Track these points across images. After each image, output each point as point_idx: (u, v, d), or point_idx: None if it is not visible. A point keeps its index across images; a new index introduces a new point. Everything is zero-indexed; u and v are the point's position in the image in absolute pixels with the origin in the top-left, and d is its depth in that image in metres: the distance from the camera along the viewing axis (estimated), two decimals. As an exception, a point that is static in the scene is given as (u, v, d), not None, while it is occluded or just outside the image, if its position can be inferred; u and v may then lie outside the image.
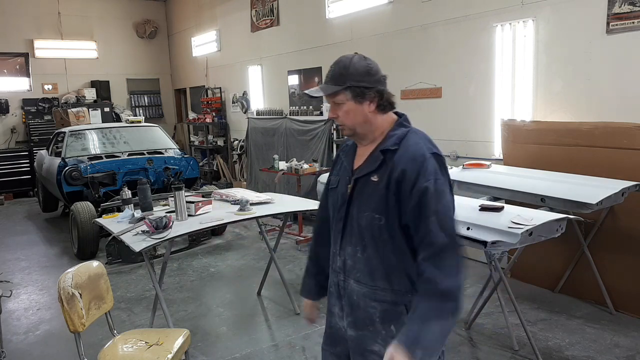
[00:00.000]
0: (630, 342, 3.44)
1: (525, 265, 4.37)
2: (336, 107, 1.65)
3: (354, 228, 1.67)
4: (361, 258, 1.66)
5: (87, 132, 7.25)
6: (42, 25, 10.72)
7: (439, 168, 1.57)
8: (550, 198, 3.39)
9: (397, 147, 1.60)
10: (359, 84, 1.59)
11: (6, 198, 9.82)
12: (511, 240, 2.54)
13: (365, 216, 1.62)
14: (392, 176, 1.57)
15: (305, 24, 7.49)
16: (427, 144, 1.62)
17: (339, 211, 1.72)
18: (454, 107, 5.37)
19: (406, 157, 1.57)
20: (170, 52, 12.48)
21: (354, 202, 1.67)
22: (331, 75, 1.64)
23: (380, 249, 1.62)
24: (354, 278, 1.69)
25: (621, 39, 3.94)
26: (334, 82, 1.62)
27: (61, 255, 6.09)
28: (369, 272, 1.65)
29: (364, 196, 1.63)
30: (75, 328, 2.38)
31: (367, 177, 1.63)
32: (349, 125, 1.65)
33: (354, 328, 1.72)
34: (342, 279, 1.73)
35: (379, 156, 1.62)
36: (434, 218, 1.52)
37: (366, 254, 1.65)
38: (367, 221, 1.62)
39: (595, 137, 3.92)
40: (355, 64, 1.61)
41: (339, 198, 1.73)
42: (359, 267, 1.67)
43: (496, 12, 4.78)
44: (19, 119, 10.60)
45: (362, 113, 1.63)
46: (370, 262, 1.64)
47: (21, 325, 4.16)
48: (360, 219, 1.64)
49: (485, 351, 3.42)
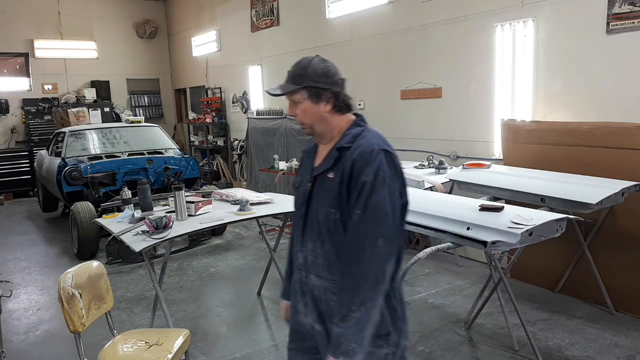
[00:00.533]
0: (630, 342, 3.44)
1: (525, 265, 4.37)
2: (294, 105, 1.73)
3: (313, 224, 1.73)
4: (320, 253, 1.71)
5: (87, 132, 7.25)
6: (42, 25, 10.73)
7: (385, 164, 1.61)
8: (550, 198, 3.39)
9: (351, 145, 1.66)
10: (315, 85, 1.68)
11: (6, 198, 9.82)
12: (511, 240, 2.54)
13: (322, 211, 1.69)
14: (345, 171, 1.64)
15: (305, 24, 7.49)
16: (379, 141, 1.67)
17: (300, 209, 1.79)
18: (453, 107, 5.37)
19: (357, 152, 1.63)
20: (170, 52, 12.48)
21: (313, 199, 1.73)
22: (290, 75, 1.72)
23: (336, 243, 1.67)
24: (315, 273, 1.74)
25: (621, 39, 3.94)
26: (293, 81, 1.70)
27: (61, 255, 6.09)
28: (327, 267, 1.71)
29: (322, 192, 1.70)
30: (75, 328, 2.38)
31: (324, 174, 1.70)
32: (307, 124, 1.74)
33: (319, 322, 1.75)
34: (304, 275, 1.78)
35: (335, 154, 1.69)
36: (359, 212, 1.58)
37: (324, 249, 1.70)
38: (323, 216, 1.69)
39: (595, 137, 3.92)
40: (314, 66, 1.69)
41: (301, 197, 1.80)
42: (318, 262, 1.73)
43: (496, 12, 4.78)
44: (19, 119, 10.61)
45: (318, 112, 1.71)
46: (328, 257, 1.70)
47: (21, 325, 4.16)
48: (318, 215, 1.71)
49: (485, 351, 3.42)
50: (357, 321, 1.54)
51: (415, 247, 5.71)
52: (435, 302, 4.27)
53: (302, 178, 1.84)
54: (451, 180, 4.39)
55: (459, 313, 4.01)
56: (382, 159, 1.61)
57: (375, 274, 1.57)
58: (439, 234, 2.82)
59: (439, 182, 4.39)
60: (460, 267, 5.06)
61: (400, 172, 1.67)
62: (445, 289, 4.53)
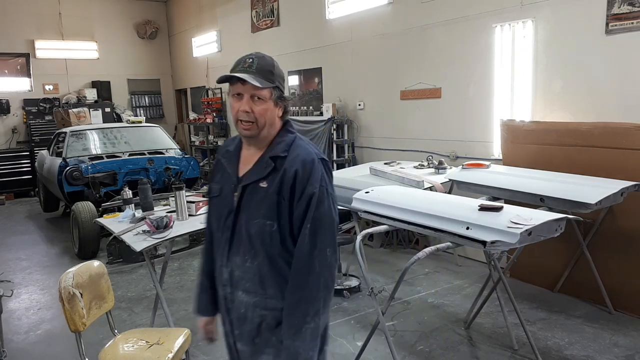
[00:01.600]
0: (629, 341, 3.45)
1: (524, 265, 4.38)
2: (255, 102, 1.58)
3: (242, 237, 1.62)
4: (251, 267, 1.62)
5: (88, 133, 7.27)
6: (43, 26, 10.74)
7: (325, 174, 1.61)
8: (550, 198, 3.40)
9: (287, 154, 1.60)
10: (282, 87, 1.64)
11: (7, 198, 9.83)
12: (510, 240, 2.54)
13: (256, 223, 1.59)
14: (284, 182, 1.57)
15: (306, 25, 7.50)
16: (314, 150, 1.64)
17: (225, 221, 1.66)
18: (453, 108, 5.38)
19: (297, 162, 1.58)
20: (170, 52, 12.49)
21: (242, 210, 1.62)
22: (259, 69, 1.57)
23: (271, 255, 1.60)
24: (243, 289, 1.65)
25: (620, 39, 3.94)
26: (264, 77, 1.57)
27: (62, 255, 6.10)
28: (259, 281, 1.63)
29: (254, 203, 1.60)
30: (76, 327, 2.39)
31: (256, 183, 1.60)
32: (260, 124, 1.59)
33: (241, 342, 1.70)
34: (229, 292, 1.68)
35: (269, 163, 1.60)
36: (309, 225, 1.56)
37: (257, 262, 1.61)
38: (257, 228, 1.59)
39: (594, 137, 3.93)
40: (278, 67, 1.64)
41: (225, 207, 1.66)
42: (248, 276, 1.63)
43: (495, 12, 4.79)
44: (20, 119, 10.62)
45: (273, 115, 1.62)
46: (261, 270, 1.62)
47: (22, 325, 4.17)
48: (249, 227, 1.60)
49: (485, 350, 3.43)
50: (312, 331, 1.56)
51: (415, 246, 5.72)
52: (435, 301, 4.28)
53: (223, 186, 1.69)
54: (450, 180, 4.40)
55: (459, 312, 4.02)
56: (322, 169, 1.60)
57: (326, 283, 1.58)
58: (439, 233, 2.83)
59: (439, 182, 4.40)
60: (460, 267, 5.07)
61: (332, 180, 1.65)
62: (444, 289, 4.54)
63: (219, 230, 1.69)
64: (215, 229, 1.73)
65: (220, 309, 1.77)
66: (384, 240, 5.87)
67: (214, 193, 1.72)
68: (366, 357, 3.29)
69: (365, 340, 3.20)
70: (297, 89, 7.89)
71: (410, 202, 3.17)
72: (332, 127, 6.71)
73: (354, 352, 3.37)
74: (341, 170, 5.93)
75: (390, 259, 5.47)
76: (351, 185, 4.31)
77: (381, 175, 4.74)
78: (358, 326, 3.85)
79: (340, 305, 4.25)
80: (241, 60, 1.60)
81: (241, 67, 1.58)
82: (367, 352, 3.25)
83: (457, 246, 2.81)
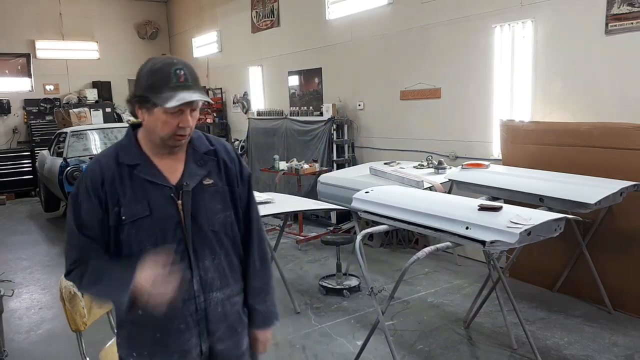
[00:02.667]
0: (628, 341, 3.46)
1: (523, 264, 4.39)
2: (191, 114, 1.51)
3: (207, 238, 1.58)
4: (219, 263, 1.62)
5: (88, 133, 7.28)
6: (43, 26, 10.75)
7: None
8: (549, 198, 3.41)
9: (214, 147, 1.65)
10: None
11: (8, 198, 9.84)
12: (510, 240, 2.56)
13: (217, 219, 1.60)
14: (226, 171, 1.64)
15: (306, 25, 7.50)
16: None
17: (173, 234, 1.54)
18: (453, 108, 5.39)
19: (225, 151, 1.67)
20: (171, 52, 12.48)
21: (199, 213, 1.56)
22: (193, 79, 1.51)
23: (234, 244, 1.68)
24: (216, 288, 1.61)
25: (620, 39, 3.95)
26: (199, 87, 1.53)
27: (63, 255, 6.04)
28: (230, 272, 1.66)
29: (208, 201, 1.59)
30: (77, 327, 2.39)
31: (200, 183, 1.58)
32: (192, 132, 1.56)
33: (222, 341, 1.65)
34: (202, 300, 1.58)
35: (207, 159, 1.61)
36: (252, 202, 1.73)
37: (222, 256, 1.63)
38: (219, 223, 1.61)
39: (594, 137, 3.94)
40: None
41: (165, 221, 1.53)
42: (217, 274, 1.61)
43: (495, 12, 4.80)
44: (20, 120, 10.63)
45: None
46: (231, 261, 1.66)
47: (23, 325, 4.18)
48: (214, 225, 1.59)
49: (484, 350, 3.44)
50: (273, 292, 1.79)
51: (415, 246, 5.73)
52: (435, 301, 4.29)
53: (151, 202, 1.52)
54: (450, 180, 4.41)
55: (458, 312, 4.02)
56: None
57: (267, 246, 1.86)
58: (438, 233, 2.85)
59: (438, 182, 4.41)
60: (459, 267, 5.08)
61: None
62: (444, 288, 4.55)
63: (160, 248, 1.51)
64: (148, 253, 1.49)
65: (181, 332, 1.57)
66: (384, 240, 5.88)
67: (141, 214, 1.51)
68: (366, 356, 3.30)
69: (365, 339, 3.21)
70: (297, 89, 7.90)
71: (410, 202, 3.18)
72: (332, 127, 6.72)
73: (353, 352, 3.37)
74: (341, 170, 5.94)
75: (390, 258, 5.47)
76: (351, 185, 4.33)
77: (381, 175, 4.75)
78: (358, 325, 3.86)
79: (340, 304, 4.26)
80: (170, 74, 1.46)
81: (176, 83, 1.46)
82: (366, 351, 3.26)
83: (457, 246, 2.83)
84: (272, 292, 1.78)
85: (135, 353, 1.60)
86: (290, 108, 7.90)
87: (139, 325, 1.57)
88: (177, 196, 1.55)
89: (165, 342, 1.57)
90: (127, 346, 1.63)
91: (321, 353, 3.47)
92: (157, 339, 1.57)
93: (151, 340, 1.57)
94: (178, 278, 1.49)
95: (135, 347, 1.60)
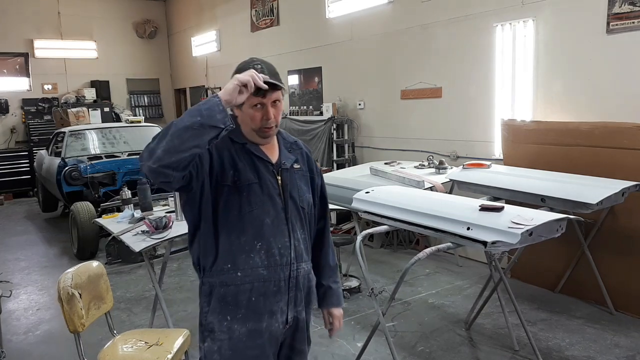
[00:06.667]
0: (630, 342, 3.44)
1: (525, 265, 4.37)
2: (274, 105, 1.69)
3: (298, 213, 1.79)
4: (305, 238, 1.84)
5: (86, 132, 7.25)
6: (41, 25, 10.72)
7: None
8: (551, 198, 3.39)
9: (295, 140, 1.91)
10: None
11: (6, 198, 9.81)
12: (511, 241, 2.53)
13: (306, 197, 1.83)
14: (307, 163, 1.89)
15: (305, 24, 7.48)
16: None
17: (274, 202, 1.73)
18: (454, 107, 5.37)
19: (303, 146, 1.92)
20: (170, 52, 12.47)
21: (293, 189, 1.79)
22: (271, 73, 1.68)
23: (310, 225, 1.88)
24: (304, 260, 1.81)
25: (621, 38, 3.93)
26: (278, 79, 1.68)
27: (61, 256, 6.08)
28: (309, 249, 1.87)
29: (298, 182, 1.82)
30: (75, 328, 2.38)
31: (292, 166, 1.82)
32: (279, 124, 1.75)
33: (305, 310, 1.85)
34: (295, 268, 1.77)
35: (295, 147, 1.87)
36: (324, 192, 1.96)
37: (308, 233, 1.86)
38: (307, 202, 1.83)
39: (595, 137, 3.92)
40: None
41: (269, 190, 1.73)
42: (305, 247, 1.82)
43: (496, 12, 4.78)
44: (18, 119, 10.60)
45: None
46: (309, 239, 1.87)
47: (21, 326, 4.16)
48: (302, 202, 1.81)
49: (486, 351, 3.42)
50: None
51: (415, 247, 5.71)
52: (436, 302, 4.27)
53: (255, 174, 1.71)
54: (451, 180, 4.39)
55: (459, 313, 4.00)
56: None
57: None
58: (439, 234, 2.82)
59: (439, 182, 4.39)
60: (461, 267, 5.06)
61: None
62: (445, 289, 4.53)
63: (265, 213, 1.71)
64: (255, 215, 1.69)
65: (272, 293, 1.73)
66: (385, 240, 5.86)
67: (252, 180, 1.71)
68: (366, 358, 3.28)
69: (366, 341, 3.18)
70: (297, 89, 7.88)
71: (411, 202, 3.15)
72: (332, 126, 6.70)
73: (354, 353, 3.35)
74: (341, 170, 5.92)
75: (390, 259, 5.45)
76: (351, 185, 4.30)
77: (381, 175, 4.73)
78: (358, 327, 3.83)
79: (340, 305, 4.23)
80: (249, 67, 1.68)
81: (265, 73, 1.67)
82: (367, 353, 3.24)
83: (458, 246, 2.80)
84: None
85: (229, 317, 1.73)
86: (290, 107, 7.88)
87: (235, 288, 1.71)
88: (277, 172, 1.77)
89: (257, 304, 1.72)
90: (219, 311, 1.74)
91: (321, 354, 3.44)
92: (252, 302, 1.71)
93: (246, 302, 1.71)
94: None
95: (230, 311, 1.72)
